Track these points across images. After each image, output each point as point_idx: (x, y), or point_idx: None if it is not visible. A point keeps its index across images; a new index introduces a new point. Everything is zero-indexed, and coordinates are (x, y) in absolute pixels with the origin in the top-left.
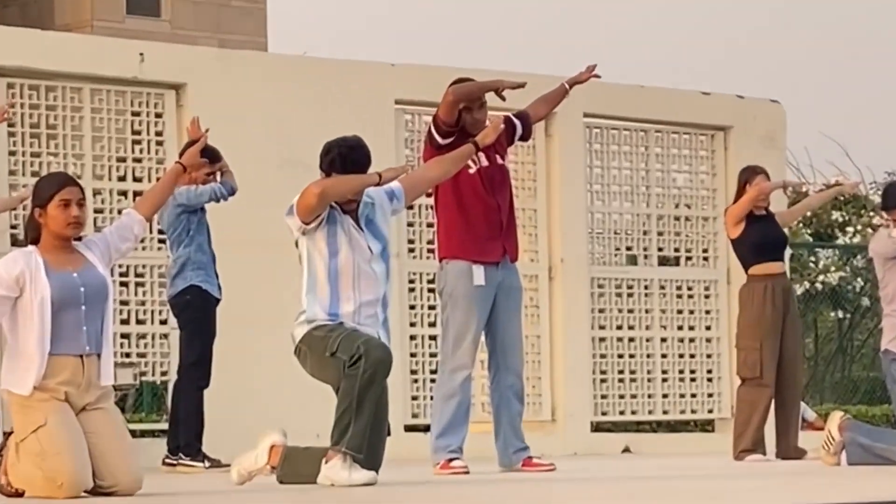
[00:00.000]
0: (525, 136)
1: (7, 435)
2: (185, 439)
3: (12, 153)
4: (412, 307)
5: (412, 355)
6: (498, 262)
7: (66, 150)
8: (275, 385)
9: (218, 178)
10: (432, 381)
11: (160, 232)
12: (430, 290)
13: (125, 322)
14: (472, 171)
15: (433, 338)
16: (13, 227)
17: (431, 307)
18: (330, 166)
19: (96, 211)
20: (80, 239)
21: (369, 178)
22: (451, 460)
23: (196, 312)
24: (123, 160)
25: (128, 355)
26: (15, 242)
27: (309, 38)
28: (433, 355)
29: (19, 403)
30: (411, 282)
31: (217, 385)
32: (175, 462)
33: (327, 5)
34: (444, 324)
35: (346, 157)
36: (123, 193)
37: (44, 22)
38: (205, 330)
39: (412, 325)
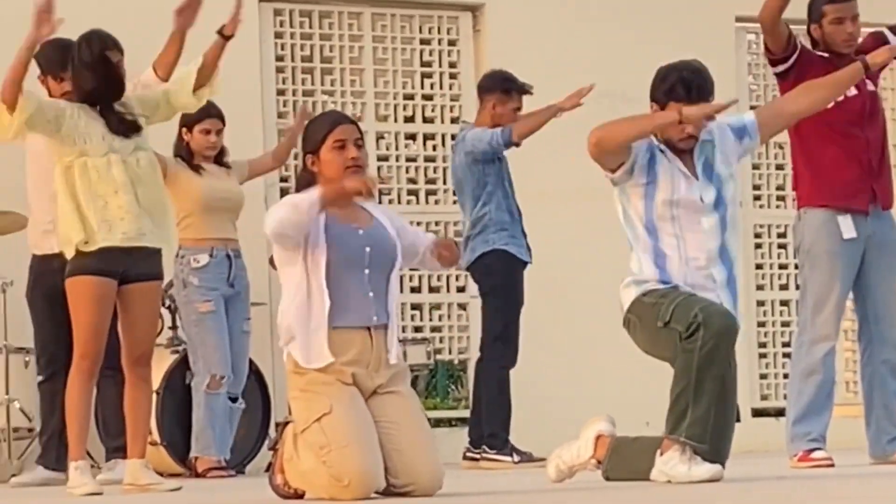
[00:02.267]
0: None
1: (281, 426)
2: (490, 429)
3: (281, 92)
4: (759, 266)
5: (760, 325)
6: (867, 211)
7: (344, 88)
8: (596, 363)
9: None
10: (786, 355)
11: None
12: (781, 246)
13: (416, 290)
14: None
15: (785, 303)
16: (283, 179)
17: (782, 266)
18: (668, 95)
19: (380, 158)
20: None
21: (662, 118)
22: (811, 451)
23: (500, 278)
24: (411, 97)
25: (419, 329)
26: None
27: None
28: (786, 324)
29: (299, 388)
30: (757, 236)
31: (525, 364)
32: (478, 456)
33: None
34: (802, 286)
35: (689, 83)
36: (412, 137)
37: None
38: (511, 299)
39: (759, 288)
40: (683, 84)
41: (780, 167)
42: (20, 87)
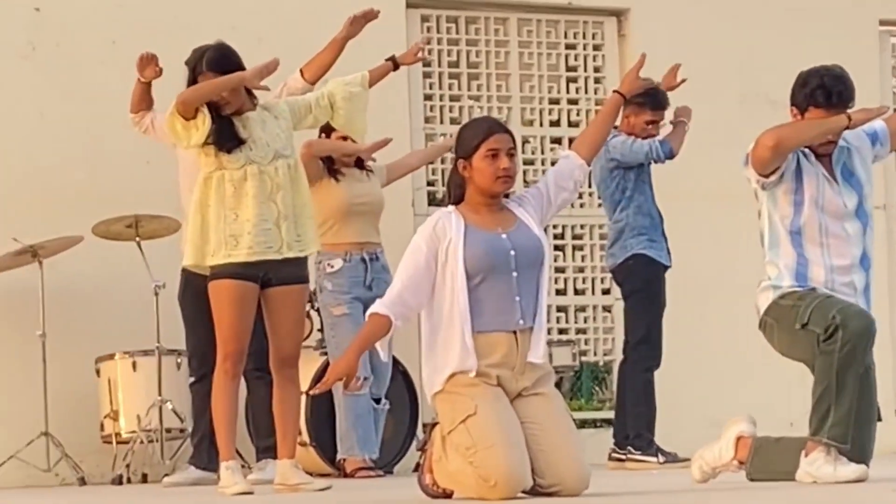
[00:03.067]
0: None
1: (429, 427)
2: (635, 430)
3: (428, 97)
4: None
5: None
6: None
7: (490, 93)
8: (738, 364)
9: (659, 132)
10: None
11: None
12: None
13: (561, 293)
14: None
15: None
16: (430, 183)
17: None
18: (808, 100)
19: (526, 162)
20: (508, 196)
21: (834, 123)
22: None
23: (641, 282)
24: (556, 101)
25: (564, 332)
26: (432, 201)
27: None
28: None
29: (445, 391)
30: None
31: (669, 365)
32: (623, 456)
33: None
34: None
35: (830, 89)
36: (557, 140)
37: None
38: (653, 301)
39: None
40: (823, 90)
41: None
42: (201, 103)
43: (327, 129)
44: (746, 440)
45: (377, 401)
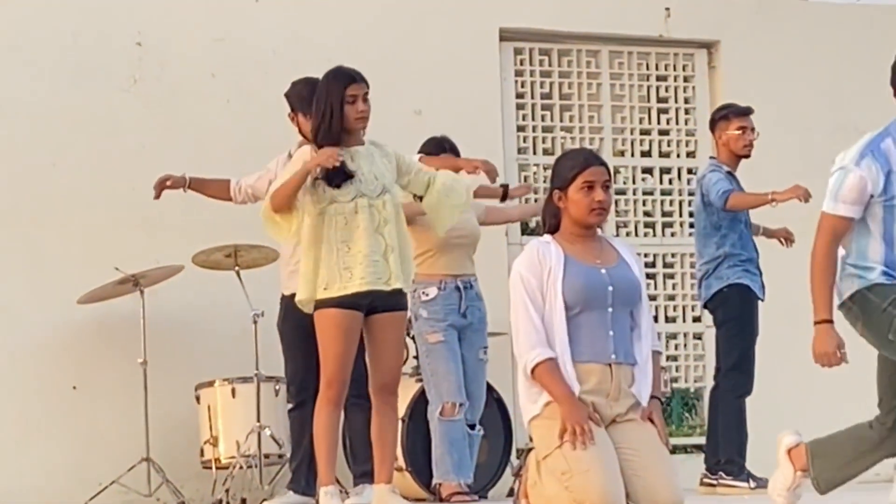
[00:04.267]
0: None
1: (524, 452)
2: (727, 455)
3: (521, 128)
4: None
5: None
6: None
7: (583, 124)
8: (828, 389)
9: None
10: None
11: (690, 214)
12: None
13: (653, 319)
14: None
15: None
16: None
17: None
18: None
19: (618, 192)
20: (601, 227)
21: None
22: None
23: (736, 310)
24: (648, 132)
25: None
26: (525, 230)
27: None
28: None
29: (542, 416)
30: None
31: (760, 392)
32: (715, 481)
33: None
34: None
35: None
36: (648, 171)
37: None
38: (746, 328)
39: None
40: None
41: None
42: (294, 199)
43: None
44: (798, 449)
45: (472, 426)
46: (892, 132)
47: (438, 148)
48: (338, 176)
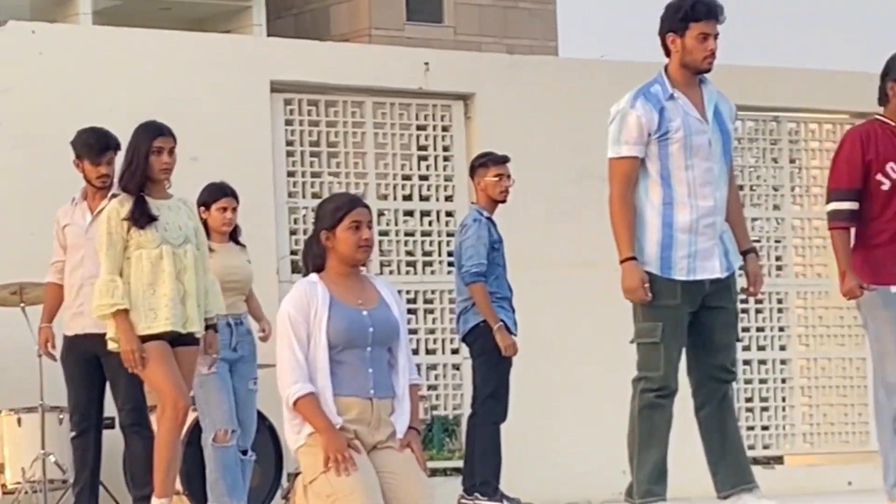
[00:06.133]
0: None
1: (293, 476)
2: (482, 477)
3: (291, 174)
4: None
5: None
6: None
7: (349, 169)
8: (576, 419)
9: None
10: None
11: (449, 254)
12: None
13: (415, 352)
14: None
15: None
16: (293, 252)
17: None
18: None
19: (381, 233)
20: (364, 265)
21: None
22: None
23: (490, 342)
24: (409, 178)
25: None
26: (295, 269)
27: (601, 40)
28: None
29: (307, 444)
30: None
31: (514, 419)
32: (471, 502)
33: (619, 4)
34: None
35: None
36: (409, 213)
37: (319, 32)
38: (501, 360)
39: None
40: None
41: None
42: None
43: (206, 203)
44: None
45: (244, 452)
46: (658, 80)
47: (220, 192)
48: (143, 218)
